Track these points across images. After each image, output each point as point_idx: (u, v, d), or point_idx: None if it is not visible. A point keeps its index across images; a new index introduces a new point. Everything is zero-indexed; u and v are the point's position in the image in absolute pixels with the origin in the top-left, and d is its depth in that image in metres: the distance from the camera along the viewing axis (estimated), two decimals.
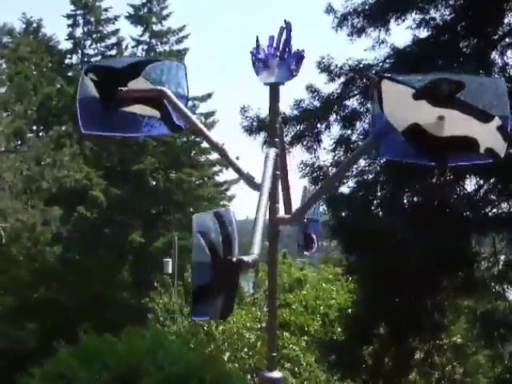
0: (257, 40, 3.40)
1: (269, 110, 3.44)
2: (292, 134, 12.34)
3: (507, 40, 12.60)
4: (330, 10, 12.82)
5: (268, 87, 3.37)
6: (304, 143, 12.47)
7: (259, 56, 3.34)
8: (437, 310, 12.85)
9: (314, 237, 3.88)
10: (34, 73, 32.96)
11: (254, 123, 12.62)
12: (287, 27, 3.29)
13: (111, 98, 3.52)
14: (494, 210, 12.22)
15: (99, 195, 32.57)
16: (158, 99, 3.54)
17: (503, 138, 3.15)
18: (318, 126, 12.62)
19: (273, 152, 3.32)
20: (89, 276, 29.71)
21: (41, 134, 33.98)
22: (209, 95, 38.53)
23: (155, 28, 38.86)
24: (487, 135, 3.12)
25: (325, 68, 12.55)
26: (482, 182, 12.21)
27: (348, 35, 12.69)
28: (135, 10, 38.91)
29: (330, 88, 12.73)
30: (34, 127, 34.54)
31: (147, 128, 3.68)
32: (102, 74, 3.59)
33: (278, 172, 3.39)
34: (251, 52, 3.36)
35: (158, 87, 3.51)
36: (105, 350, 12.20)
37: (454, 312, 13.52)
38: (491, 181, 12.05)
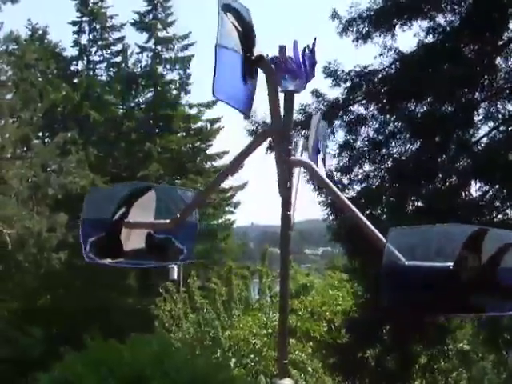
0: (281, 49, 3.40)
1: (283, 118, 3.47)
2: (296, 138, 12.35)
3: (511, 46, 12.61)
4: (334, 15, 12.84)
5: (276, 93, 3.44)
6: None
7: (279, 65, 3.38)
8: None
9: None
10: (40, 79, 33.02)
11: (259, 127, 12.63)
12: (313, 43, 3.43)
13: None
14: (500, 216, 12.20)
15: None
16: None
17: None
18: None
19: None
20: (94, 282, 29.76)
21: (47, 140, 34.00)
22: (214, 102, 38.52)
23: (160, 35, 38.92)
24: None
25: (331, 73, 12.57)
26: (487, 188, 12.21)
27: (353, 41, 12.71)
28: (140, 16, 38.99)
29: (335, 92, 12.76)
30: (40, 134, 34.60)
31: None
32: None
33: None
34: (272, 59, 3.38)
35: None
36: (110, 356, 12.22)
37: (459, 317, 13.51)
38: (496, 187, 12.05)
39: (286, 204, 3.45)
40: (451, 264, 3.05)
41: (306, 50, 3.39)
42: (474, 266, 3.04)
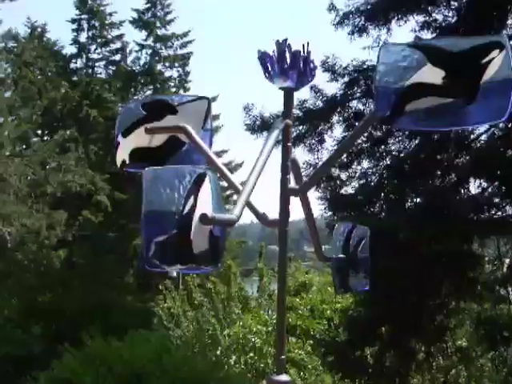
0: (278, 43, 3.41)
1: (282, 114, 3.51)
2: (295, 134, 12.34)
3: (511, 42, 12.58)
4: (332, 8, 12.82)
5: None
6: (307, 143, 12.48)
7: (272, 62, 3.40)
8: (440, 312, 12.84)
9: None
10: (39, 77, 32.99)
11: (257, 122, 12.62)
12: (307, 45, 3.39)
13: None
14: (499, 213, 12.19)
15: (104, 199, 32.59)
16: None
17: None
18: (321, 126, 12.62)
19: (282, 123, 3.42)
20: (94, 280, 29.75)
21: (46, 138, 33.96)
22: (213, 99, 38.55)
23: (159, 32, 38.89)
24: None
25: (329, 68, 12.55)
26: (486, 184, 12.20)
27: (349, 34, 12.68)
28: (139, 14, 38.95)
29: (332, 87, 12.75)
30: (39, 131, 34.58)
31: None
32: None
33: (289, 144, 3.50)
34: (261, 57, 3.43)
35: (180, 124, 3.70)
36: (109, 354, 12.25)
37: (458, 315, 13.51)
38: (495, 183, 12.04)
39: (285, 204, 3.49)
40: None
41: (304, 51, 3.38)
42: None
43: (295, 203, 3.56)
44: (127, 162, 4.00)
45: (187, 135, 3.69)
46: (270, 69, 3.40)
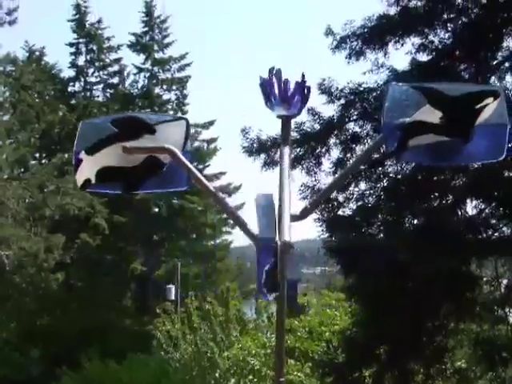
0: (270, 72, 3.53)
1: (281, 141, 3.56)
2: (292, 156, 12.36)
3: (506, 64, 12.66)
4: (329, 32, 12.88)
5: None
6: (304, 166, 12.50)
7: (273, 90, 3.49)
8: (438, 332, 12.82)
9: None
10: (37, 101, 33.09)
11: (255, 144, 12.66)
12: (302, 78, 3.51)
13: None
14: (496, 234, 12.21)
15: (102, 222, 32.59)
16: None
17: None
18: (318, 149, 12.65)
19: (287, 149, 3.51)
20: (92, 303, 29.69)
21: (44, 161, 34.03)
22: (211, 123, 38.72)
23: (157, 56, 39.13)
24: None
25: (325, 90, 12.60)
26: (483, 205, 12.23)
27: (346, 57, 12.73)
28: (137, 38, 39.19)
29: (329, 109, 12.77)
30: (37, 155, 34.66)
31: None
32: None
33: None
34: (262, 84, 3.51)
35: (165, 145, 3.57)
36: (108, 377, 12.22)
37: (457, 336, 13.48)
38: (492, 205, 12.07)
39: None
40: None
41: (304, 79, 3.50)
42: None
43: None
44: (92, 181, 3.71)
45: (173, 157, 3.58)
46: (271, 97, 3.48)
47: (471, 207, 12.26)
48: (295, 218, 3.45)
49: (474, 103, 3.43)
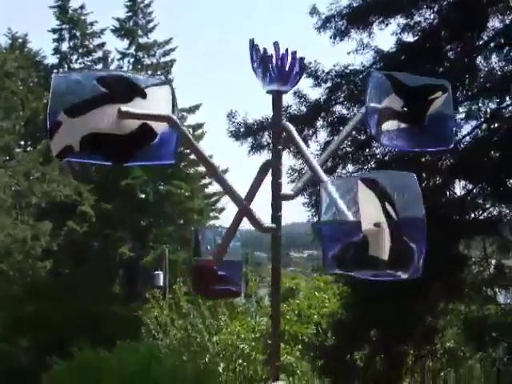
0: (254, 45, 3.42)
1: (272, 118, 3.56)
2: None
3: (492, 44, 12.63)
4: (314, 11, 12.80)
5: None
6: (291, 149, 12.46)
7: (271, 65, 3.41)
8: (428, 314, 12.84)
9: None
10: (21, 88, 32.87)
11: (241, 128, 12.59)
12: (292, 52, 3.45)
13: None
14: (484, 215, 12.22)
15: (88, 210, 32.47)
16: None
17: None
18: (305, 131, 12.59)
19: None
20: (80, 290, 29.61)
21: (29, 148, 33.81)
22: (197, 107, 38.55)
23: (141, 41, 38.90)
24: None
25: (312, 73, 12.54)
26: (470, 186, 12.22)
27: (330, 37, 12.67)
28: (121, 23, 38.93)
29: (316, 93, 12.72)
30: (23, 142, 34.46)
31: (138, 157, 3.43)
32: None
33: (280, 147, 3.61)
34: (252, 58, 3.43)
35: (167, 113, 3.33)
36: (98, 364, 12.16)
37: (446, 316, 13.51)
38: (480, 185, 12.07)
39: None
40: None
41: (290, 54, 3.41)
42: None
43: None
44: (75, 148, 3.18)
45: (173, 126, 3.34)
46: (267, 72, 3.40)
47: (459, 188, 12.27)
48: (289, 197, 3.50)
49: (427, 95, 3.78)
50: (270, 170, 3.53)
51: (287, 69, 3.41)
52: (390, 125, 3.73)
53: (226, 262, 3.61)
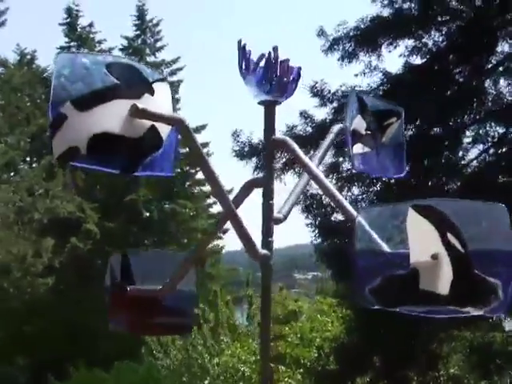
0: (243, 48, 3.11)
1: (264, 132, 3.20)
2: (284, 160, 12.19)
3: (500, 69, 12.55)
4: (321, 33, 12.73)
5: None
6: (296, 170, 12.32)
7: (250, 70, 3.12)
8: (433, 339, 12.67)
9: None
10: (28, 104, 32.87)
11: (246, 148, 12.49)
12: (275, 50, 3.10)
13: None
14: None
15: (92, 228, 32.36)
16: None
17: None
18: (311, 152, 12.47)
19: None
20: (80, 308, 29.43)
21: (34, 165, 33.79)
22: (203, 126, 38.49)
23: (149, 59, 38.90)
24: None
25: (317, 93, 12.44)
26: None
27: (338, 60, 12.60)
28: (129, 41, 38.99)
29: (322, 112, 12.63)
30: (28, 158, 34.43)
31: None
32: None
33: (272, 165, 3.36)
34: (240, 66, 3.13)
35: (177, 115, 2.92)
36: None
37: (451, 342, 13.34)
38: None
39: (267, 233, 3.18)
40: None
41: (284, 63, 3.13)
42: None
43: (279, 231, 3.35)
44: (81, 151, 2.67)
45: (182, 130, 2.88)
46: (264, 80, 3.10)
47: None
48: (278, 221, 3.21)
49: (383, 120, 3.65)
50: (261, 191, 3.21)
51: (284, 77, 3.11)
52: (357, 148, 3.63)
53: (178, 290, 3.27)
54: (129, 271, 3.34)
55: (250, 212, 3.29)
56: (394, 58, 12.92)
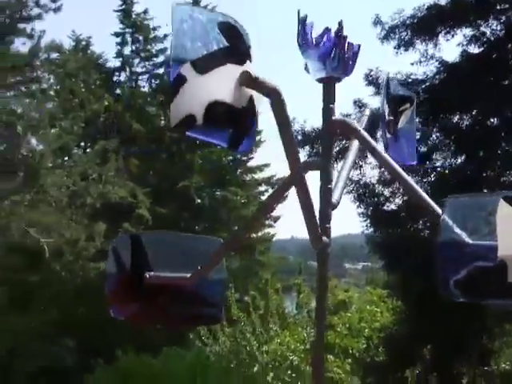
0: (303, 21, 2.83)
1: (322, 111, 2.96)
2: (337, 148, 12.07)
3: None
4: (377, 21, 12.61)
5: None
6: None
7: (312, 44, 2.86)
8: (484, 334, 12.48)
9: None
10: (83, 90, 33.14)
11: (299, 136, 12.40)
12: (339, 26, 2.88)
13: None
14: None
15: (145, 213, 32.56)
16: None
17: None
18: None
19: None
20: None
21: (88, 150, 34.08)
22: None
23: None
24: None
25: (372, 81, 12.31)
26: None
27: (395, 48, 12.48)
28: None
29: (376, 101, 12.49)
30: (82, 143, 34.73)
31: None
32: None
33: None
34: (300, 39, 2.87)
35: (276, 86, 2.53)
36: (142, 370, 12.01)
37: (503, 337, 13.13)
38: None
39: (325, 218, 3.01)
40: None
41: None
42: None
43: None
44: (198, 120, 2.42)
45: (278, 101, 2.56)
46: (327, 57, 2.84)
47: None
48: (334, 207, 3.08)
49: (399, 105, 3.58)
50: (319, 174, 3.03)
51: (346, 53, 2.86)
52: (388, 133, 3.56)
53: (204, 279, 3.05)
54: (143, 255, 3.02)
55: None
56: (451, 46, 12.73)
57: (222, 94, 2.45)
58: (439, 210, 2.95)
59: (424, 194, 3.08)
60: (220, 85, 2.45)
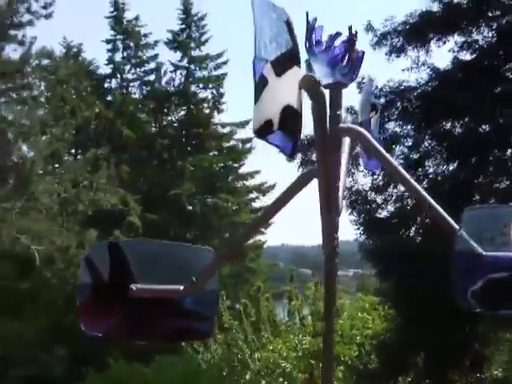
0: (312, 24, 2.68)
1: (329, 118, 2.72)
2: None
3: None
4: (369, 28, 12.62)
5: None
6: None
7: (322, 48, 2.72)
8: (477, 340, 12.48)
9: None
10: (74, 96, 33.08)
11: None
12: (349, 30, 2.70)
13: None
14: None
15: (136, 221, 32.50)
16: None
17: None
18: (357, 148, 12.34)
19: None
20: None
21: (79, 157, 34.01)
22: (247, 122, 38.45)
23: (194, 53, 38.95)
24: None
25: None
26: None
27: (386, 54, 12.49)
28: (174, 35, 39.05)
29: None
30: (73, 150, 34.66)
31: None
32: None
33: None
34: (308, 42, 2.69)
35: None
36: (133, 379, 11.96)
37: (496, 344, 13.13)
38: None
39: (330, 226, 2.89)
40: None
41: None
42: None
43: None
44: (274, 125, 2.29)
45: (322, 104, 2.48)
46: (337, 61, 2.70)
47: None
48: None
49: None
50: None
51: (352, 57, 2.72)
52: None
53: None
54: (125, 265, 2.74)
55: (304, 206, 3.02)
56: (442, 53, 12.76)
57: (291, 98, 2.35)
58: (455, 225, 2.87)
59: (440, 209, 2.96)
60: (290, 88, 2.34)
